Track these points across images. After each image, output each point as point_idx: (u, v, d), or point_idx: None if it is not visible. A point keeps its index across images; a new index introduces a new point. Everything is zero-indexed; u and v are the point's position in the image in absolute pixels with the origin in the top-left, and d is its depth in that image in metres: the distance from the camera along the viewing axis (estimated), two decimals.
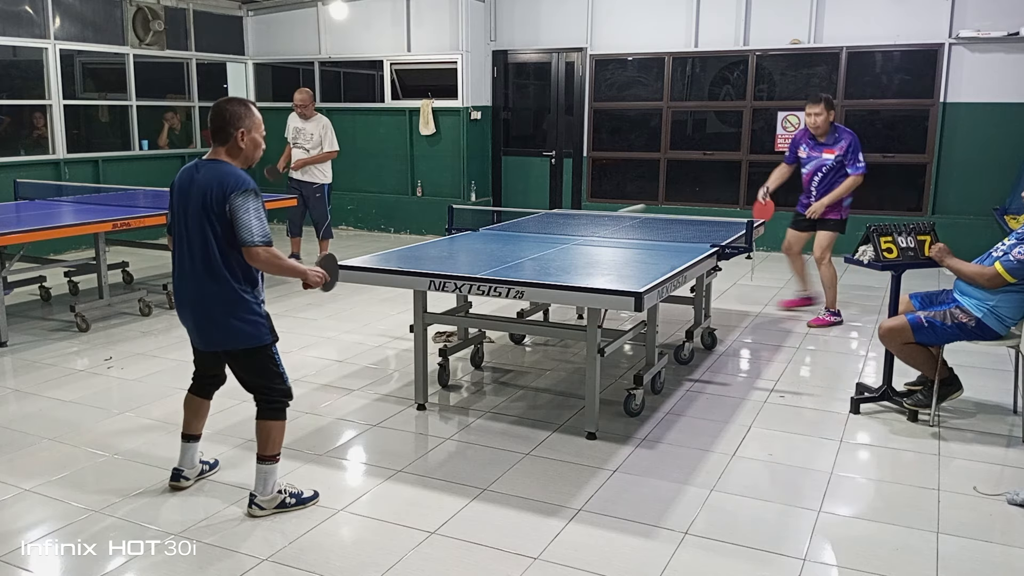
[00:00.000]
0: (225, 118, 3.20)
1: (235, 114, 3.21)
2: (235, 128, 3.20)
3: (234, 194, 3.10)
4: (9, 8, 8.77)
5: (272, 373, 3.32)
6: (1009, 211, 7.92)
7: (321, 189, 8.27)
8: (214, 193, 3.10)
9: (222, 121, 3.20)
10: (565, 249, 5.03)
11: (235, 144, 3.22)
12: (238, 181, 3.13)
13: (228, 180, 3.12)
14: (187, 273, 3.23)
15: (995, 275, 3.99)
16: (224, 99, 3.27)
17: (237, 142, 3.21)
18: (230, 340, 3.24)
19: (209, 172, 3.17)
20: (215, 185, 3.11)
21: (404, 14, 10.74)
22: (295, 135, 8.28)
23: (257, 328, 3.25)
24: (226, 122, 3.20)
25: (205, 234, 3.13)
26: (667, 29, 9.94)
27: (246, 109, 3.25)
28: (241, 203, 3.10)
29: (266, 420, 3.31)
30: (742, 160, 9.86)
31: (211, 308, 3.20)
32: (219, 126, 3.21)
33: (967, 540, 3.17)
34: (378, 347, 5.78)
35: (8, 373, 5.22)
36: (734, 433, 4.22)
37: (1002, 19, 8.49)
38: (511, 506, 3.42)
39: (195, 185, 3.16)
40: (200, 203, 3.12)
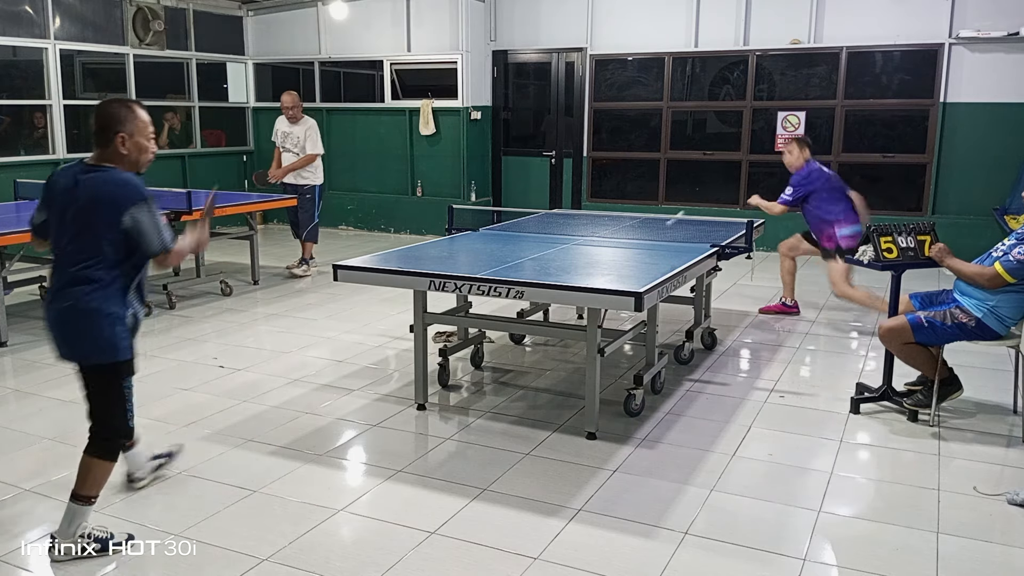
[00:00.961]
0: (103, 121, 2.95)
1: (114, 116, 2.94)
2: (114, 132, 2.93)
3: (133, 208, 2.86)
4: (9, 8, 8.77)
5: (116, 405, 3.04)
6: (1009, 211, 7.92)
7: (312, 191, 8.20)
8: (105, 205, 2.87)
9: (103, 122, 2.95)
10: (565, 249, 5.03)
11: (115, 149, 2.94)
12: (133, 193, 2.88)
13: (122, 192, 2.88)
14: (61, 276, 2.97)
15: (995, 275, 3.99)
16: (107, 100, 3.05)
17: (117, 147, 2.94)
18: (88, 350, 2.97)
19: (98, 180, 2.91)
20: (107, 197, 2.88)
21: (404, 14, 10.74)
22: (282, 139, 8.25)
23: (113, 340, 2.95)
24: (104, 126, 2.94)
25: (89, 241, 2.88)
26: (667, 29, 9.94)
27: (128, 111, 2.97)
28: (141, 217, 2.87)
29: (92, 456, 3.03)
30: (742, 160, 9.86)
31: (79, 313, 2.92)
32: (100, 127, 2.95)
33: (967, 540, 3.17)
34: (378, 347, 5.78)
35: (8, 373, 5.22)
36: (734, 433, 4.22)
37: (1002, 19, 8.50)
38: (511, 506, 3.42)
39: (81, 191, 2.90)
40: (86, 211, 2.88)
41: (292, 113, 8.15)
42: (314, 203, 8.26)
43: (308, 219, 8.26)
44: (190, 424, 4.30)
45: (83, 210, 2.89)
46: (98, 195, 2.89)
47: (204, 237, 3.20)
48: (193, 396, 4.74)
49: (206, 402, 4.65)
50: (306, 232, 8.28)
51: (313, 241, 8.35)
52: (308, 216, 8.25)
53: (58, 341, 3.01)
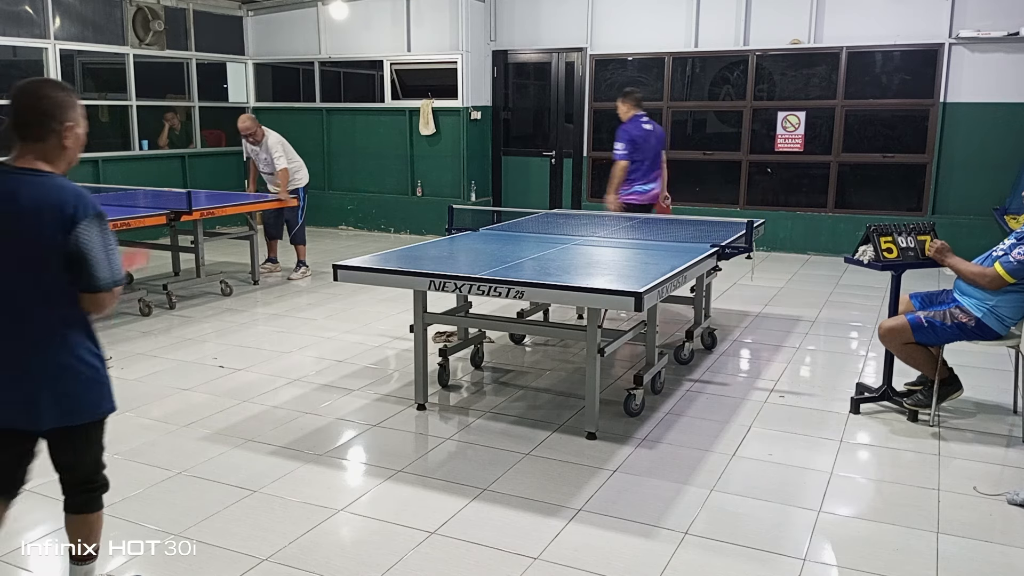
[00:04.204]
0: (43, 108, 2.31)
1: (59, 102, 2.33)
2: (59, 122, 2.33)
3: (85, 223, 2.28)
4: (9, 8, 8.77)
5: (101, 450, 2.58)
6: (1009, 211, 7.92)
7: (294, 193, 8.11)
8: (51, 221, 2.26)
9: (39, 112, 2.31)
10: (565, 249, 5.03)
11: (58, 144, 2.35)
12: (83, 204, 2.29)
13: (70, 203, 2.28)
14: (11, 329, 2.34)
15: (995, 276, 3.98)
16: (35, 81, 2.38)
17: (61, 140, 2.35)
18: (77, 411, 2.43)
19: (35, 189, 2.29)
20: (51, 210, 2.26)
21: (404, 14, 10.74)
22: (254, 156, 8.13)
23: (103, 391, 2.49)
24: (45, 113, 2.31)
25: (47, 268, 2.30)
26: (667, 29, 9.94)
27: (71, 96, 2.38)
28: (92, 235, 2.29)
29: (89, 513, 2.60)
30: (742, 160, 9.86)
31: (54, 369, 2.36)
32: (33, 119, 2.31)
33: (967, 540, 3.17)
34: (378, 347, 5.78)
35: None
36: (734, 433, 4.22)
37: (1002, 19, 8.49)
38: (511, 506, 3.42)
39: (12, 209, 2.27)
40: (30, 232, 2.26)
41: (252, 138, 7.93)
42: (298, 205, 8.19)
43: (293, 221, 8.18)
44: (190, 424, 4.30)
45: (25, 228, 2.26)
46: (39, 209, 2.26)
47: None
48: (193, 396, 4.74)
49: (206, 402, 4.65)
50: (293, 235, 8.22)
51: (302, 243, 8.26)
52: (293, 218, 8.18)
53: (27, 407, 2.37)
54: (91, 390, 2.46)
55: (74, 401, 2.42)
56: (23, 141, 2.35)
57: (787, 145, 9.61)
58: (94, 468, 2.59)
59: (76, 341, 2.40)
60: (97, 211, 2.34)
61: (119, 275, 2.39)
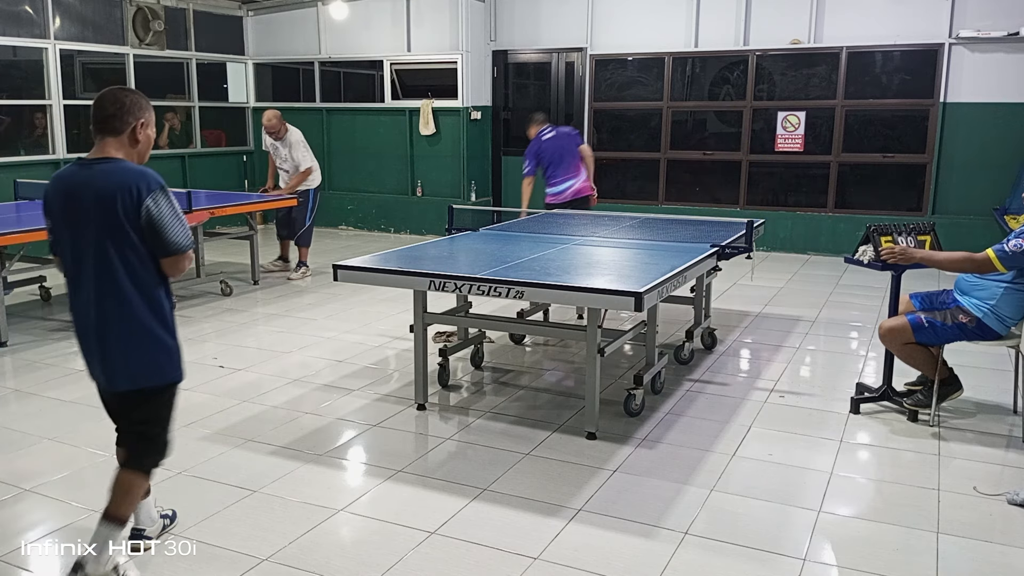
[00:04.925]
0: (123, 105, 2.68)
1: (135, 103, 2.71)
2: (135, 118, 2.69)
3: (150, 197, 2.60)
4: (9, 8, 8.77)
5: (167, 420, 2.82)
6: (1009, 211, 7.92)
7: (305, 195, 8.17)
8: (121, 199, 2.58)
9: (117, 108, 2.68)
10: (565, 249, 5.03)
11: (132, 136, 2.70)
12: (147, 180, 2.62)
13: (137, 181, 2.61)
14: (92, 297, 2.67)
15: (985, 260, 3.93)
16: (116, 88, 2.76)
17: (135, 133, 2.70)
18: (140, 377, 2.72)
19: (108, 174, 2.63)
20: (121, 188, 2.59)
21: (404, 14, 10.74)
22: (273, 151, 8.26)
23: (172, 359, 2.77)
24: (123, 110, 2.68)
25: (117, 248, 2.63)
26: (667, 29, 9.95)
27: (144, 100, 2.76)
28: (160, 206, 2.62)
29: (135, 472, 2.79)
30: (742, 160, 9.86)
31: (122, 338, 2.68)
32: (113, 114, 2.67)
33: (967, 540, 3.17)
34: (378, 347, 5.78)
35: (8, 373, 5.22)
36: (734, 433, 4.22)
37: (1002, 19, 8.50)
38: (511, 506, 3.42)
39: (90, 192, 2.61)
40: (105, 213, 2.60)
41: (274, 132, 8.06)
42: (307, 207, 8.23)
43: (301, 222, 8.23)
44: (190, 424, 4.29)
45: (102, 206, 2.60)
46: (112, 190, 2.60)
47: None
48: (193, 396, 4.74)
49: (206, 402, 4.65)
50: (299, 236, 8.25)
51: (306, 245, 8.30)
52: (300, 220, 8.23)
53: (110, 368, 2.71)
54: (159, 357, 2.73)
55: (142, 366, 2.71)
56: (102, 134, 2.70)
57: (787, 145, 9.61)
58: (157, 432, 2.82)
59: (148, 311, 2.70)
60: (160, 184, 2.67)
61: (190, 239, 2.73)
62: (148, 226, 2.62)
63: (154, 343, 2.72)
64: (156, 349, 2.73)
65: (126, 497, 2.78)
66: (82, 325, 2.74)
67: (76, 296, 2.73)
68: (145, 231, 2.63)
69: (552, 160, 7.21)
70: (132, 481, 2.79)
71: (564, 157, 7.20)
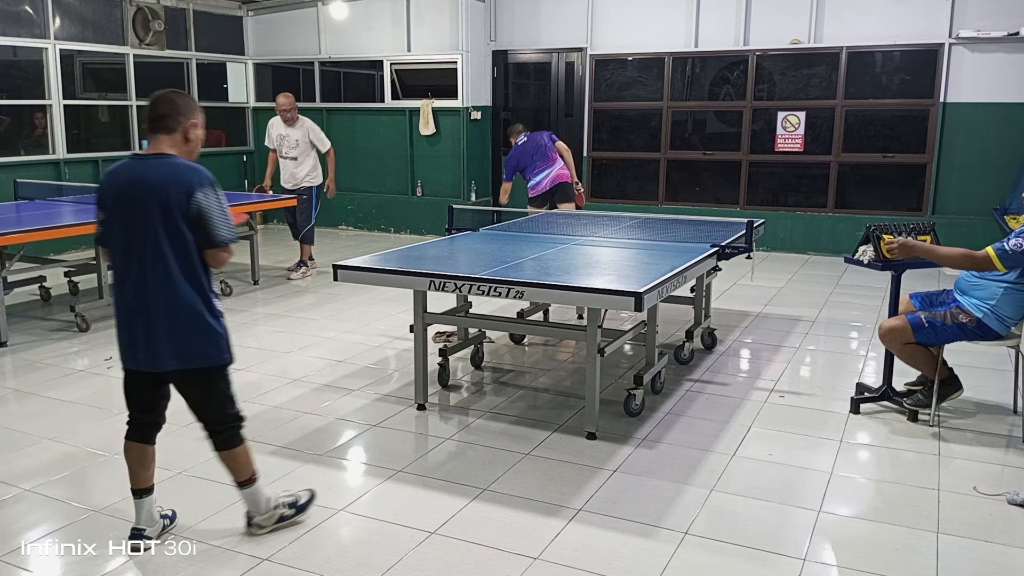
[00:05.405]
0: (176, 106, 2.91)
1: (187, 104, 2.94)
2: (187, 118, 2.92)
3: (200, 191, 2.81)
4: (9, 8, 8.77)
5: (227, 398, 3.04)
6: (1009, 211, 7.92)
7: (309, 192, 8.17)
8: (173, 192, 2.80)
9: (171, 109, 2.90)
10: (565, 249, 5.03)
11: (183, 136, 2.91)
12: (199, 175, 2.84)
13: (188, 176, 2.83)
14: (143, 283, 2.86)
15: (985, 258, 3.92)
16: (169, 90, 2.98)
17: (186, 133, 2.92)
18: (190, 356, 2.90)
19: (160, 169, 2.85)
20: (173, 182, 2.81)
21: (404, 14, 10.74)
22: (279, 142, 8.20)
23: (218, 342, 2.95)
24: (176, 111, 2.90)
25: (169, 237, 2.82)
26: (667, 29, 9.95)
27: (195, 103, 3.00)
28: (208, 200, 2.83)
29: (228, 450, 3.06)
30: (742, 160, 9.86)
31: (172, 321, 2.86)
32: (166, 114, 2.90)
33: (967, 540, 3.17)
34: (378, 347, 5.78)
35: (8, 373, 5.22)
36: (734, 433, 4.22)
37: (1002, 19, 8.50)
38: (511, 506, 3.42)
39: (144, 184, 2.82)
40: (159, 203, 2.80)
41: (289, 115, 8.07)
42: (311, 204, 8.23)
43: (305, 221, 8.24)
44: (190, 424, 4.25)
45: (156, 199, 2.80)
46: (165, 183, 2.81)
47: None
48: None
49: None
50: (303, 234, 8.25)
51: (309, 243, 8.31)
52: (305, 218, 8.23)
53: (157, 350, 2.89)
54: (206, 338, 2.91)
55: (190, 347, 2.89)
56: (156, 133, 2.91)
57: (787, 145, 9.61)
58: (219, 411, 3.03)
59: (195, 295, 2.88)
60: (211, 180, 2.87)
61: (235, 233, 2.94)
62: (197, 218, 2.82)
63: (203, 327, 2.90)
64: (205, 333, 2.91)
65: (239, 466, 3.09)
66: (129, 311, 2.91)
67: (124, 285, 2.91)
68: (193, 223, 2.83)
69: (527, 162, 7.66)
70: (234, 456, 3.08)
71: (537, 153, 7.64)
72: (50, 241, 6.59)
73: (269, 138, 8.33)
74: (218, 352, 2.96)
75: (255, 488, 3.13)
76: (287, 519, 3.22)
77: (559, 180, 7.63)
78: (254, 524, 3.17)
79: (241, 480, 3.11)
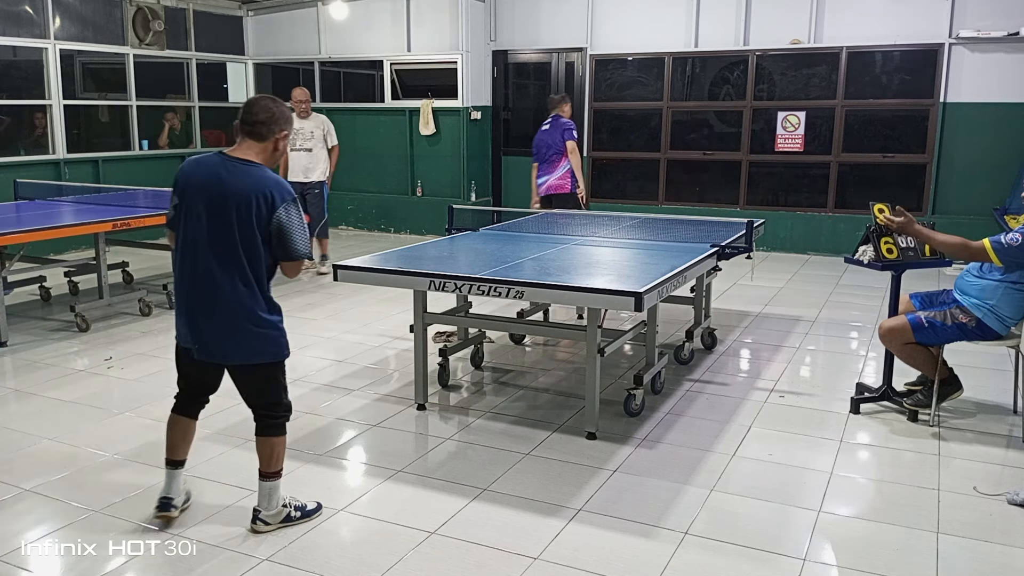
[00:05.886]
0: (272, 115, 2.98)
1: (282, 115, 3.02)
2: (279, 128, 3.01)
3: (284, 206, 2.93)
4: (9, 8, 8.77)
5: (281, 388, 3.18)
6: (1009, 211, 7.92)
7: (320, 186, 8.26)
8: (259, 201, 2.90)
9: (266, 117, 2.97)
10: (565, 249, 5.03)
11: (271, 145, 3.02)
12: (284, 191, 2.97)
13: (275, 189, 2.94)
14: (211, 279, 2.97)
15: (980, 250, 3.93)
16: (267, 97, 3.07)
17: (275, 144, 3.02)
18: (252, 353, 3.05)
19: (247, 176, 2.94)
20: (259, 193, 2.90)
21: (404, 14, 10.74)
22: (293, 136, 8.26)
23: (279, 341, 3.10)
24: (272, 120, 2.98)
25: (245, 241, 2.92)
26: (667, 29, 9.95)
27: (290, 113, 3.08)
28: (290, 216, 2.95)
29: (270, 437, 3.16)
30: (742, 160, 9.86)
31: (237, 318, 2.99)
32: (261, 122, 2.97)
33: (967, 540, 3.17)
34: (378, 347, 5.78)
35: (8, 373, 5.22)
36: (734, 433, 4.22)
37: (1002, 19, 8.50)
38: (511, 506, 3.42)
39: (227, 187, 2.91)
40: (239, 209, 2.90)
41: (304, 108, 8.17)
42: (323, 198, 8.35)
43: (319, 215, 8.34)
44: None
45: (237, 204, 2.89)
46: (250, 191, 2.90)
47: None
48: None
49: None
50: (319, 228, 8.36)
51: (325, 237, 8.45)
52: (319, 212, 8.33)
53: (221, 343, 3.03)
54: (265, 337, 3.04)
55: (251, 346, 3.03)
56: (246, 137, 3.00)
57: (787, 145, 9.61)
58: (274, 401, 3.15)
59: (258, 297, 3.01)
60: (293, 197, 3.01)
61: (308, 248, 3.10)
62: (277, 231, 2.95)
63: (263, 327, 3.03)
64: (265, 332, 3.04)
65: (273, 456, 3.16)
66: (190, 301, 3.04)
67: (190, 275, 3.02)
68: (273, 235, 2.96)
69: (537, 154, 7.48)
70: (272, 444, 3.16)
71: (544, 152, 7.43)
72: (50, 241, 6.58)
73: None
74: (278, 349, 3.10)
75: (275, 484, 3.18)
76: (292, 521, 3.23)
77: (552, 191, 7.40)
78: (259, 520, 3.18)
79: (268, 471, 3.16)
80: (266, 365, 3.10)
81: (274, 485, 3.18)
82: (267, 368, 3.11)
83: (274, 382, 3.15)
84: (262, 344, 3.05)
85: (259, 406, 3.17)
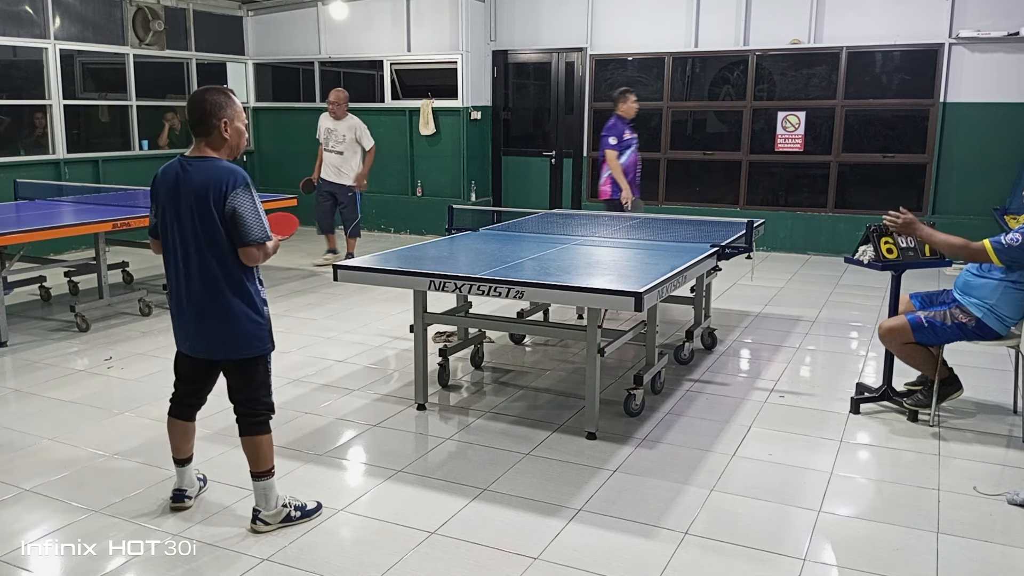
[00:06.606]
0: (205, 109, 3.01)
1: (216, 103, 3.02)
2: (217, 118, 3.02)
3: (236, 191, 2.95)
4: (9, 8, 8.77)
5: (264, 385, 3.20)
6: (1009, 211, 7.93)
7: (354, 190, 8.42)
8: (214, 191, 2.95)
9: (202, 112, 3.01)
10: (565, 249, 5.03)
11: (219, 135, 3.03)
12: (234, 176, 2.98)
13: (227, 176, 2.97)
14: (190, 277, 3.05)
15: (980, 250, 3.94)
16: (201, 89, 3.09)
17: (221, 133, 3.03)
18: (236, 348, 3.09)
19: (201, 171, 3.00)
20: (213, 183, 2.95)
21: (404, 14, 10.73)
22: (326, 136, 8.42)
23: (261, 336, 3.13)
24: (207, 113, 3.01)
25: (209, 236, 2.98)
26: (667, 29, 9.94)
27: (226, 98, 3.06)
28: (241, 201, 2.96)
29: (253, 436, 3.17)
30: (742, 160, 9.86)
31: (216, 316, 3.05)
32: (199, 118, 3.02)
33: (967, 540, 3.17)
34: (378, 347, 5.78)
35: (8, 373, 5.22)
36: (734, 433, 4.22)
37: (1002, 19, 8.49)
38: (511, 506, 3.42)
39: (187, 185, 2.99)
40: (198, 205, 2.96)
41: (339, 109, 8.29)
42: (356, 200, 8.50)
43: (352, 216, 8.53)
44: None
45: (196, 199, 2.96)
46: (205, 185, 2.96)
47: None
48: None
49: None
50: (351, 228, 8.53)
51: (356, 236, 8.61)
52: (352, 213, 8.51)
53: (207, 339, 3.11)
54: (250, 330, 3.09)
55: (235, 340, 3.08)
56: (196, 136, 3.06)
57: (787, 145, 9.61)
58: (254, 397, 3.17)
59: (237, 291, 3.05)
60: (246, 181, 3.01)
61: (266, 233, 3.03)
62: (231, 217, 2.96)
63: (243, 321, 3.07)
64: (248, 326, 3.08)
65: (261, 455, 3.17)
66: (179, 304, 3.13)
67: (175, 278, 3.11)
68: (228, 221, 2.97)
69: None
70: (257, 443, 3.17)
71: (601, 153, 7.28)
72: (50, 241, 6.59)
73: (319, 132, 8.60)
74: (260, 343, 3.13)
75: (270, 483, 3.18)
76: (292, 521, 3.23)
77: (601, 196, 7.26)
78: (259, 520, 3.19)
79: (259, 471, 3.17)
80: (248, 360, 3.13)
81: (268, 484, 3.18)
82: (249, 364, 3.14)
83: (256, 377, 3.17)
84: (245, 338, 3.09)
85: (240, 402, 3.19)
